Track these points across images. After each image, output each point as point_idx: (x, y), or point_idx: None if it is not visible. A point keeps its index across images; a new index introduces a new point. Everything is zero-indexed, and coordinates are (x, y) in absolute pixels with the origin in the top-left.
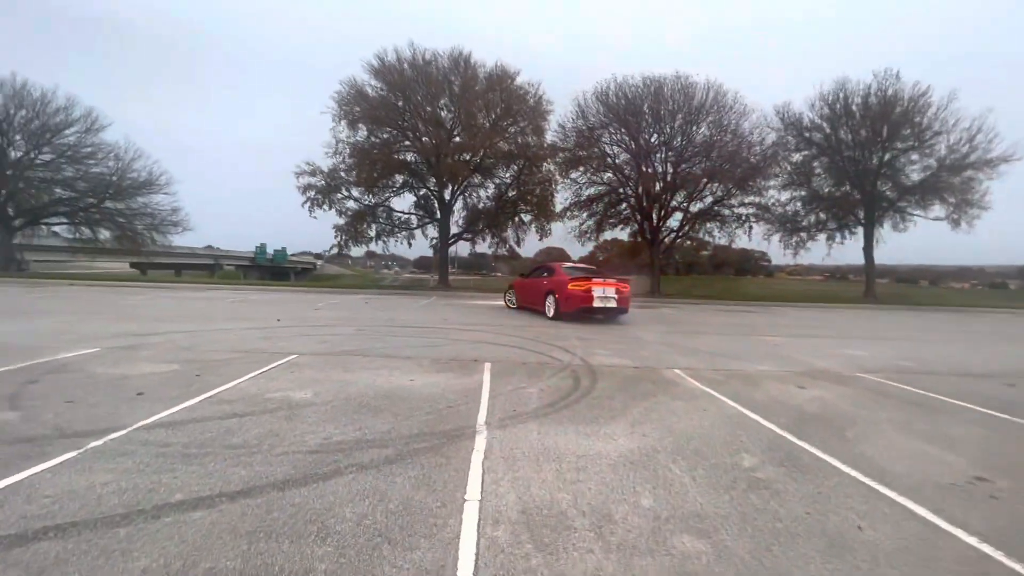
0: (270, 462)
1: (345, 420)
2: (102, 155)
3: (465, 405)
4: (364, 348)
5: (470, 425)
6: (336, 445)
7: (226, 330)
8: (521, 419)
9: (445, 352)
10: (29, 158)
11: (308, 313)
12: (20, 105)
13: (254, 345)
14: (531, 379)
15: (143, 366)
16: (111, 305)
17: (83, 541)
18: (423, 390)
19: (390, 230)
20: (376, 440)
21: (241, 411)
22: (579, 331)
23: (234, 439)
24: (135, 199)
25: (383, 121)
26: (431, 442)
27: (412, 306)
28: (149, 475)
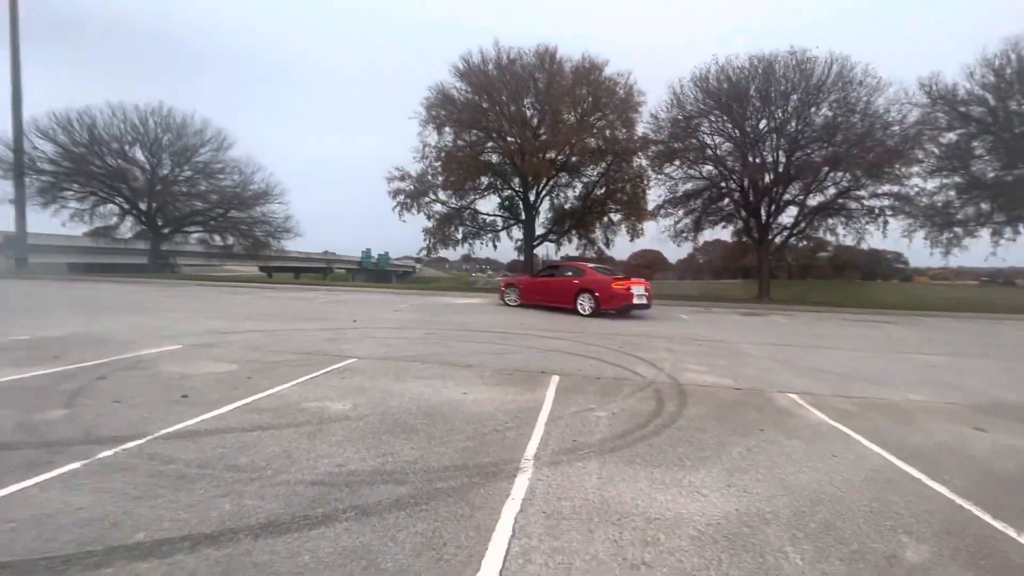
0: (263, 494)
1: (371, 441)
2: (229, 170)
3: (516, 430)
4: (426, 354)
5: (514, 459)
6: (347, 476)
7: (302, 330)
8: (580, 454)
9: (511, 361)
10: (173, 175)
11: (387, 314)
12: (167, 129)
13: (319, 347)
14: (603, 399)
15: (206, 365)
16: (218, 304)
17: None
18: (472, 407)
19: (476, 232)
20: (395, 473)
21: (268, 423)
22: (670, 341)
23: (242, 459)
24: (255, 209)
25: (468, 123)
26: (459, 480)
27: (493, 309)
28: (127, 502)
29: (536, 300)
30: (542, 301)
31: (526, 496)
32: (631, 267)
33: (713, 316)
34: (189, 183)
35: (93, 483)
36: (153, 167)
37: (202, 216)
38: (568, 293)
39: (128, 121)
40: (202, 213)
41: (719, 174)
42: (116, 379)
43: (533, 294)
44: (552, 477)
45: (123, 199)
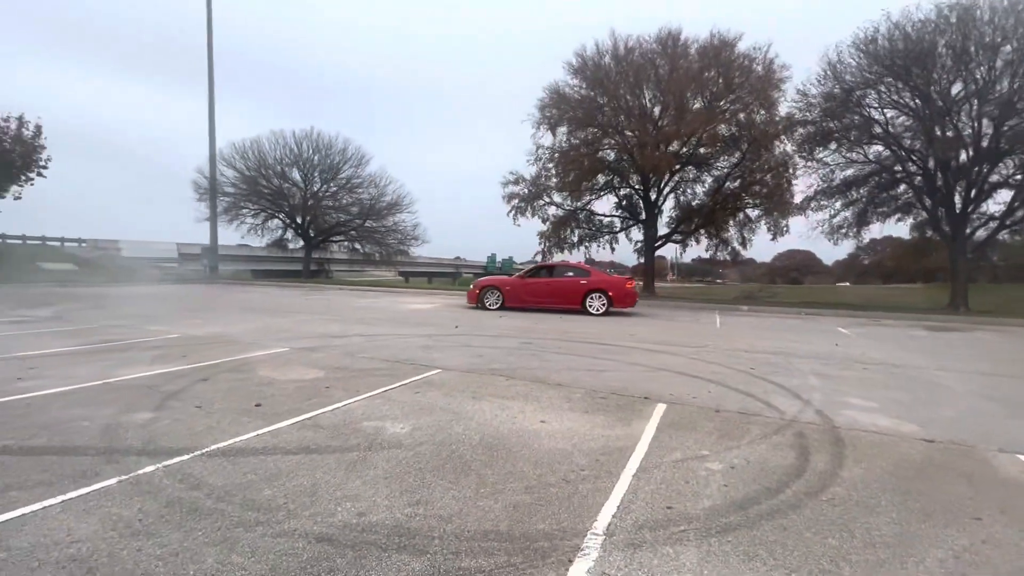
0: (255, 548)
1: (411, 482)
2: (366, 184)
3: (592, 481)
4: (516, 367)
5: (578, 529)
6: (360, 532)
7: (403, 335)
8: (673, 532)
9: (610, 380)
10: (322, 191)
11: (491, 320)
12: (316, 150)
13: (410, 354)
14: (720, 441)
15: (296, 371)
16: (342, 308)
17: None
18: (546, 442)
19: (592, 234)
20: (418, 535)
21: (316, 444)
22: (821, 363)
23: (265, 492)
24: (388, 219)
25: (582, 120)
26: (494, 559)
27: (605, 316)
28: (123, 539)
29: (526, 302)
30: (536, 303)
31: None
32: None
33: (884, 330)
34: (334, 197)
35: (110, 507)
36: (306, 185)
37: (344, 227)
38: (575, 294)
39: (286, 146)
40: (345, 224)
41: (891, 156)
42: (214, 382)
43: (523, 296)
44: (624, 570)
45: (284, 214)
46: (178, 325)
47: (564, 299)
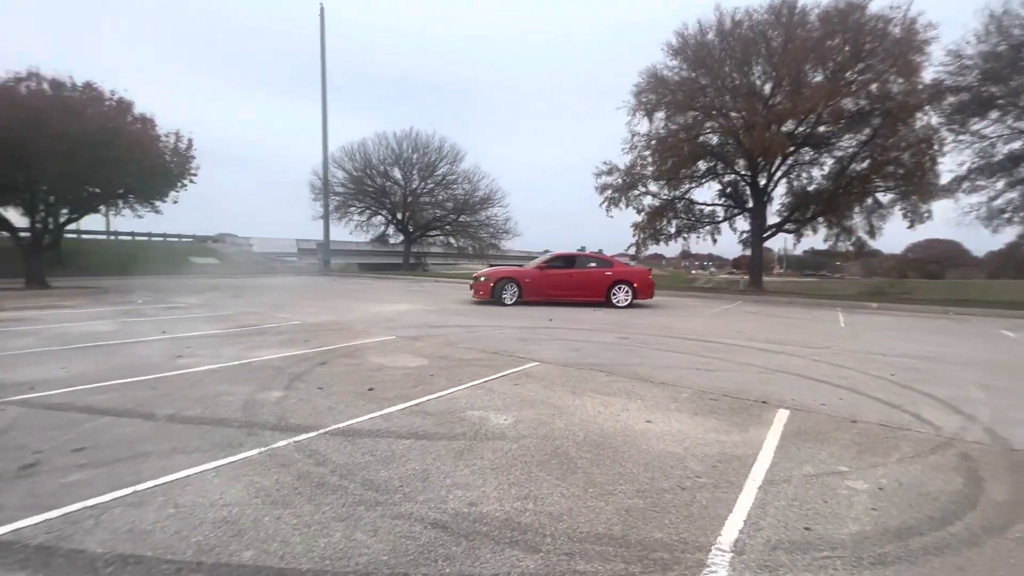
0: (377, 528)
1: (518, 475)
2: (461, 180)
3: (711, 491)
4: (616, 362)
5: (702, 543)
6: (472, 522)
7: (500, 327)
8: (816, 558)
9: (720, 381)
10: (420, 188)
11: (584, 314)
12: (415, 149)
13: (508, 346)
14: (860, 457)
15: (402, 359)
16: (439, 299)
17: None
18: (655, 444)
19: (691, 225)
20: (530, 530)
21: (425, 431)
22: (983, 371)
23: (382, 473)
24: (480, 213)
25: (682, 104)
26: (610, 565)
27: (704, 311)
28: (264, 506)
29: (548, 296)
30: (558, 296)
31: None
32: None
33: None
34: (431, 194)
35: (252, 476)
36: (406, 182)
37: (440, 222)
38: (600, 285)
39: (388, 146)
40: (440, 219)
41: None
42: (331, 366)
43: (544, 289)
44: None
45: (386, 211)
46: (299, 313)
47: (589, 291)
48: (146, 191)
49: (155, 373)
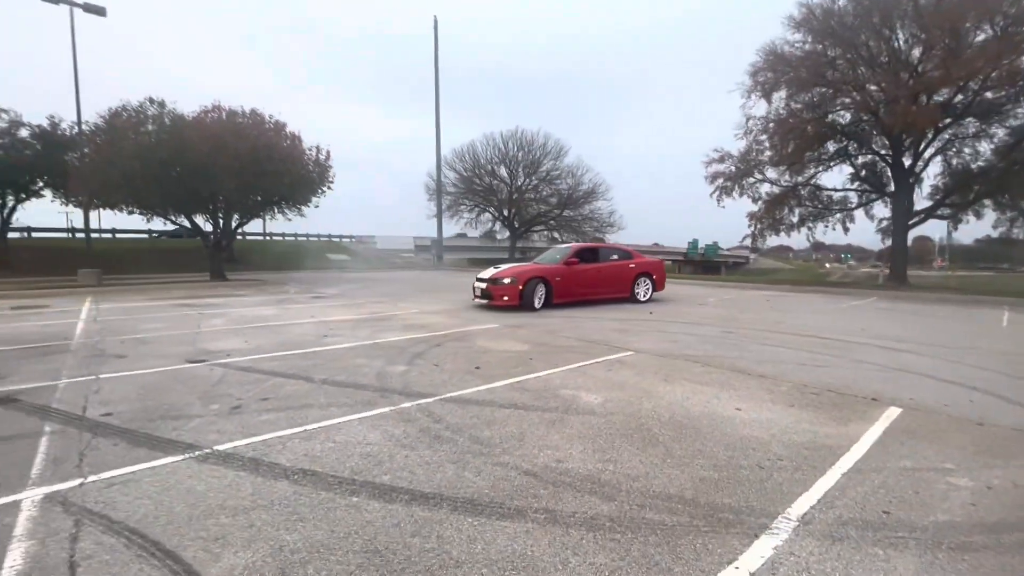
0: (480, 470)
1: (602, 443)
2: (564, 175)
3: (791, 472)
4: (713, 355)
5: (769, 511)
6: (559, 474)
7: (597, 318)
8: (890, 536)
9: (827, 376)
10: (525, 184)
11: (690, 308)
12: (520, 147)
13: (604, 336)
14: (975, 457)
15: (506, 344)
16: None
17: (303, 492)
18: (740, 429)
19: (818, 213)
20: (608, 485)
21: (522, 403)
22: None
23: (485, 432)
24: (584, 207)
25: (806, 81)
26: (678, 517)
27: (827, 307)
28: (395, 447)
29: (577, 295)
30: (586, 295)
31: (759, 573)
32: None
33: None
34: (535, 190)
35: (386, 426)
36: (511, 180)
37: (544, 217)
38: (625, 279)
39: (495, 146)
40: (545, 214)
41: None
42: (444, 348)
43: (573, 288)
44: (817, 560)
45: (493, 208)
46: (417, 303)
47: (615, 286)
48: (295, 197)
49: (309, 348)
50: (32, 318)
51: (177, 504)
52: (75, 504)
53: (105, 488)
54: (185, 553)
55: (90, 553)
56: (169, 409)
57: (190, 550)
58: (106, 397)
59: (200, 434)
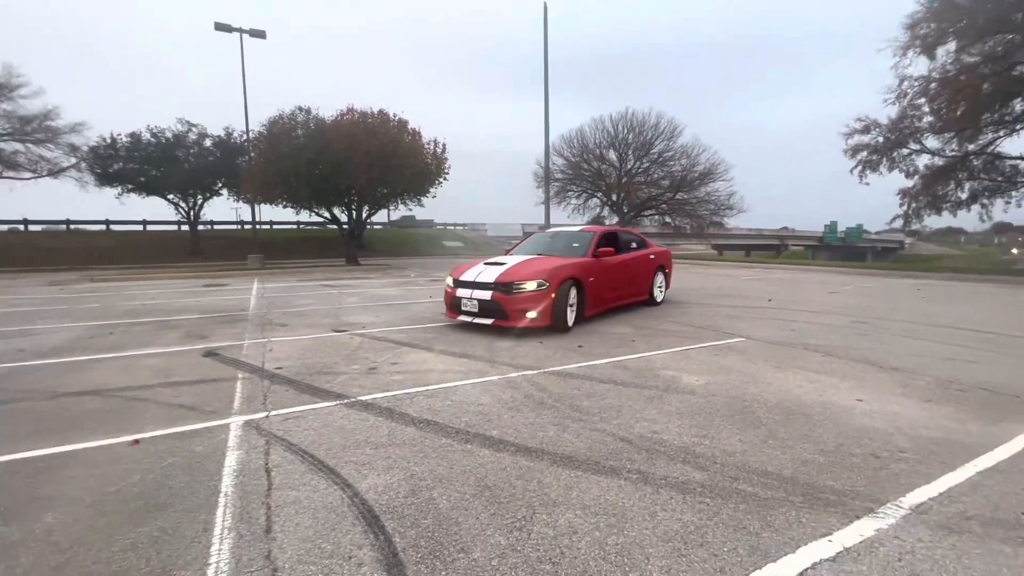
0: (579, 433)
1: (700, 420)
2: (678, 156)
3: (913, 464)
4: (837, 345)
5: (878, 496)
6: (653, 443)
7: (707, 304)
8: (1018, 536)
9: (980, 373)
10: (635, 168)
11: (817, 296)
12: (630, 129)
13: (714, 322)
14: None
15: (609, 326)
16: None
17: (428, 437)
18: (860, 419)
19: (996, 187)
20: (702, 457)
21: (622, 379)
22: None
23: (585, 402)
24: (699, 189)
25: (982, 29)
26: (772, 492)
27: (999, 300)
28: (501, 408)
29: (608, 302)
30: (613, 301)
31: (847, 551)
32: None
33: None
34: (646, 173)
35: (495, 391)
36: (621, 163)
37: (655, 200)
38: (647, 274)
39: (604, 129)
40: (655, 198)
41: None
42: None
43: (606, 291)
44: (926, 546)
45: (601, 193)
46: None
47: (637, 285)
48: (415, 189)
49: (427, 324)
50: (218, 294)
51: (335, 436)
52: (265, 430)
53: (283, 421)
54: (343, 471)
55: (278, 463)
56: (322, 367)
57: (345, 469)
58: (276, 355)
59: (346, 387)
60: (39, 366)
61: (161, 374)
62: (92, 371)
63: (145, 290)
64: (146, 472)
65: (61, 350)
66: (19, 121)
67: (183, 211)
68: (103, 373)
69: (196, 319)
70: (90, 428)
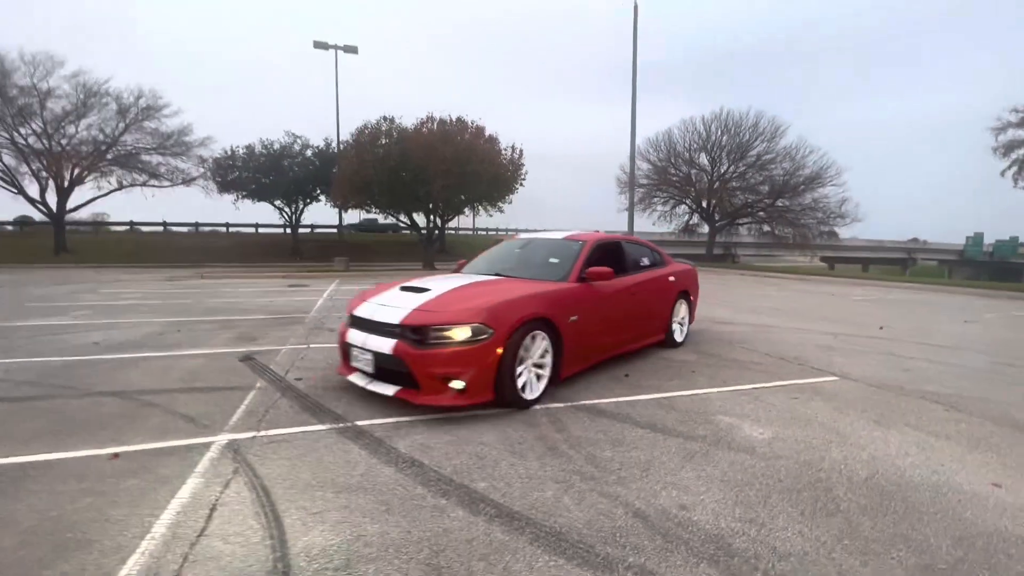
0: (581, 502)
1: (751, 494)
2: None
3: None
4: (969, 396)
5: None
6: (678, 524)
7: (800, 330)
8: None
9: None
10: (729, 172)
11: (949, 326)
12: (725, 131)
13: (801, 352)
14: None
15: (670, 351)
16: (739, 294)
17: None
18: (994, 517)
19: None
20: (738, 556)
21: (663, 424)
22: None
23: (607, 453)
24: (804, 195)
25: None
26: None
27: None
28: (505, 453)
29: (604, 350)
30: (613, 346)
31: None
32: None
33: None
34: (742, 177)
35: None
36: (713, 168)
37: (752, 208)
38: (663, 305)
39: (695, 131)
40: (752, 205)
41: None
42: None
43: (600, 333)
44: None
45: (690, 199)
46: None
47: (649, 320)
48: (492, 195)
49: None
50: (294, 294)
51: (305, 471)
52: (241, 454)
53: (266, 444)
54: (288, 519)
55: (229, 500)
56: (341, 380)
57: (292, 517)
58: (305, 364)
59: (350, 407)
60: (98, 361)
61: (189, 378)
62: (134, 369)
63: (237, 288)
64: (97, 496)
65: (126, 346)
66: (161, 137)
67: (286, 215)
68: (141, 373)
69: (258, 320)
70: (87, 434)
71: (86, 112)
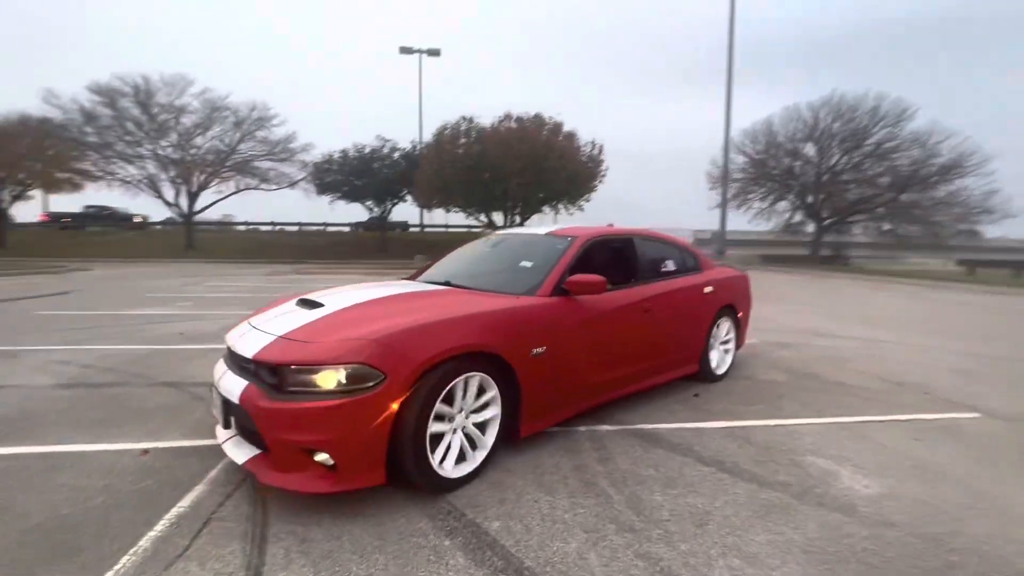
0: (611, 556)
1: (837, 571)
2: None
3: None
4: None
5: None
6: None
7: (925, 347)
8: None
9: None
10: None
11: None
12: (837, 117)
13: (931, 378)
14: None
15: (755, 370)
16: (846, 301)
17: None
18: None
19: None
20: None
21: (730, 463)
22: None
23: (654, 497)
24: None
25: None
26: None
27: None
28: (527, 484)
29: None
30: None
31: None
32: None
33: None
34: (856, 169)
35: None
36: (821, 159)
37: (868, 203)
38: (692, 326)
39: (799, 119)
40: (869, 200)
41: None
42: None
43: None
44: None
45: (793, 195)
46: None
47: (672, 346)
48: (571, 193)
49: None
50: None
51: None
52: None
53: None
54: (272, 548)
55: (224, 515)
56: None
57: (278, 546)
58: None
59: None
60: (175, 351)
61: None
62: (201, 360)
63: (323, 282)
64: (110, 495)
65: (206, 337)
66: (270, 144)
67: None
68: (205, 365)
69: None
70: (131, 426)
71: (211, 124)
